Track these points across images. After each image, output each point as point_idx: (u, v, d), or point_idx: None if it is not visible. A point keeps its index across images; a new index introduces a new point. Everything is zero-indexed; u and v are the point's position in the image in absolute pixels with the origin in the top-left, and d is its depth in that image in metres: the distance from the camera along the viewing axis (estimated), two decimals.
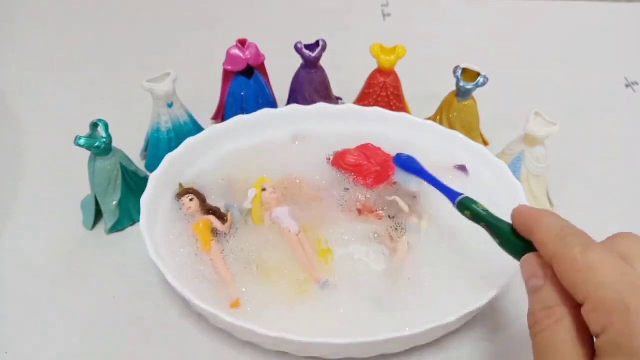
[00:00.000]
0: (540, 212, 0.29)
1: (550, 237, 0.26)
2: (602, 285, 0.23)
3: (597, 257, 0.24)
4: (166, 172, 0.43)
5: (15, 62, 0.66)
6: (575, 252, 0.25)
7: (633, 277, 0.23)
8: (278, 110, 0.49)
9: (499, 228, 0.31)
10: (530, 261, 0.28)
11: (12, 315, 0.39)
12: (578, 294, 0.24)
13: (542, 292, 0.26)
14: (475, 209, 0.34)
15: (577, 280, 0.24)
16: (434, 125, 0.48)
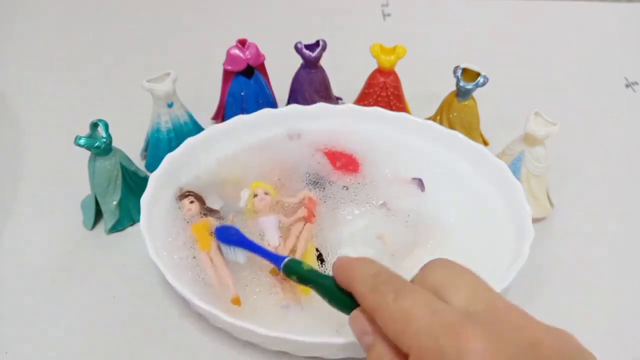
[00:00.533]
0: (356, 260, 0.28)
1: (366, 287, 0.26)
2: (419, 334, 0.23)
3: (408, 302, 0.24)
4: (166, 172, 0.43)
5: (15, 62, 0.66)
6: (388, 302, 0.25)
7: (445, 315, 0.23)
8: (278, 110, 0.49)
9: (324, 285, 0.30)
10: (358, 318, 0.27)
11: (12, 315, 0.39)
12: (402, 345, 0.24)
13: (375, 349, 0.26)
14: (300, 270, 0.32)
15: (396, 331, 0.24)
16: (434, 125, 0.48)
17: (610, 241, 0.46)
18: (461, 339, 0.22)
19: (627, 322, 0.40)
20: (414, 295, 0.25)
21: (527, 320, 0.24)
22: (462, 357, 0.22)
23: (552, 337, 0.23)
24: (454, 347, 0.22)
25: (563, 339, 0.24)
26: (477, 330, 0.22)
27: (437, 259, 0.27)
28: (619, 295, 0.42)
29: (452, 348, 0.22)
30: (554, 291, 0.41)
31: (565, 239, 0.46)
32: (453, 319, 0.23)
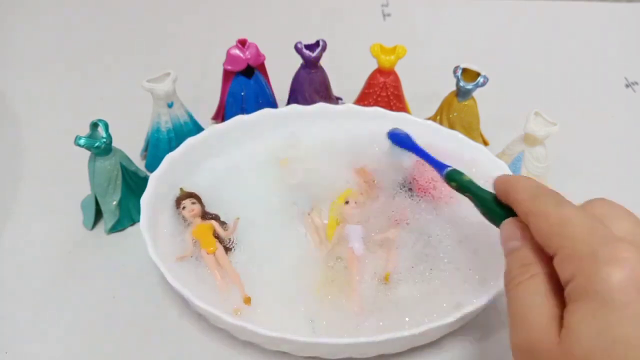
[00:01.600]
0: (518, 176, 0.30)
1: (526, 196, 0.28)
2: (573, 237, 0.24)
3: (569, 212, 0.25)
4: (166, 172, 0.43)
5: (15, 62, 0.66)
6: (548, 208, 0.26)
7: (603, 231, 0.24)
8: (278, 110, 0.49)
9: (482, 197, 0.33)
10: (509, 225, 0.29)
11: (12, 315, 0.39)
12: (551, 246, 0.25)
13: (519, 252, 0.27)
14: (461, 180, 0.35)
15: (550, 233, 0.25)
16: (434, 125, 0.48)
17: None
18: (616, 249, 0.23)
19: None
20: (574, 209, 0.26)
21: None
22: (614, 261, 0.22)
23: None
24: (608, 253, 0.22)
25: None
26: (632, 247, 0.23)
27: (598, 197, 0.28)
28: None
29: (606, 253, 0.22)
30: None
31: None
32: (610, 234, 0.24)
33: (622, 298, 0.21)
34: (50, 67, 0.65)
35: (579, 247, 0.24)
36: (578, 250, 0.23)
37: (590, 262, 0.23)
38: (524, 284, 0.26)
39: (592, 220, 0.25)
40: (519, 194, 0.28)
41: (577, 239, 0.24)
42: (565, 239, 0.24)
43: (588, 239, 0.24)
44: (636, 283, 0.22)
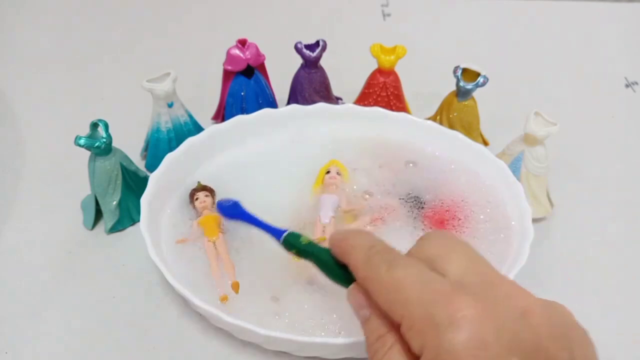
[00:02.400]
0: (352, 233, 0.28)
1: (359, 260, 0.26)
2: (410, 302, 0.23)
3: (401, 273, 0.24)
4: (166, 172, 0.43)
5: (15, 62, 0.66)
6: (381, 272, 0.25)
7: (437, 285, 0.23)
8: (278, 110, 0.49)
9: (323, 260, 0.30)
10: (354, 291, 0.27)
11: (12, 315, 0.39)
12: (393, 315, 0.24)
13: (371, 322, 0.26)
14: (299, 244, 0.32)
15: (388, 301, 0.24)
16: (434, 125, 0.48)
17: (610, 241, 0.46)
18: (452, 306, 0.22)
19: (627, 322, 0.40)
20: (406, 266, 0.25)
21: (520, 291, 0.24)
22: (453, 324, 0.21)
23: (544, 307, 0.23)
24: (445, 315, 0.22)
25: (556, 310, 0.24)
26: (469, 299, 0.22)
27: (435, 230, 0.27)
28: (619, 295, 0.42)
29: (443, 316, 0.22)
30: (554, 291, 0.41)
31: (565, 239, 0.46)
32: (444, 288, 0.23)
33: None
34: (50, 67, 0.65)
35: (417, 313, 0.23)
36: (417, 317, 0.23)
37: (432, 330, 0.22)
38: (385, 358, 0.24)
39: (425, 274, 0.24)
40: (352, 258, 0.27)
41: (414, 304, 0.23)
42: (402, 307, 0.23)
43: (423, 300, 0.23)
44: (481, 344, 0.21)
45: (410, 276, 0.24)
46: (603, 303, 0.41)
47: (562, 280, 0.42)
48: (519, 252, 0.37)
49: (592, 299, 0.41)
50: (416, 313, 0.23)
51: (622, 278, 0.43)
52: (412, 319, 0.23)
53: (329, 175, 0.44)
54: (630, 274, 0.43)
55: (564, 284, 0.42)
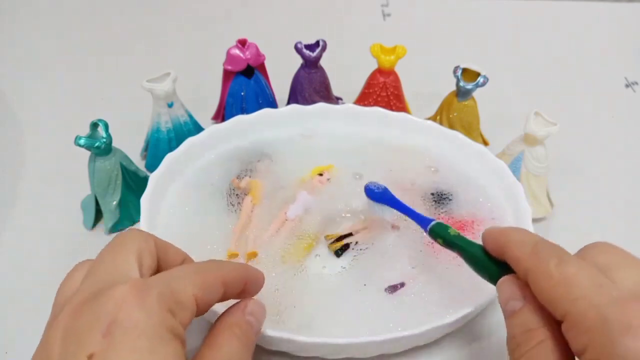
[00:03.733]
0: (510, 229, 0.28)
1: (524, 252, 0.26)
2: (580, 300, 0.22)
3: (573, 270, 0.23)
4: (166, 172, 0.43)
5: (15, 62, 0.66)
6: (550, 266, 0.24)
7: (611, 290, 0.22)
8: (278, 110, 0.49)
9: (473, 254, 0.30)
10: (508, 283, 0.27)
11: (12, 315, 0.39)
12: (556, 310, 0.23)
13: (522, 314, 0.25)
14: (447, 235, 0.33)
15: (554, 295, 0.23)
16: (434, 125, 0.48)
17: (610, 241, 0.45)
18: (630, 312, 0.21)
19: None
20: (578, 266, 0.24)
21: None
22: (631, 330, 0.20)
23: None
24: (621, 319, 0.21)
25: None
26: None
27: (600, 242, 0.26)
28: None
29: (618, 319, 0.21)
30: None
31: (565, 239, 0.45)
32: (620, 294, 0.22)
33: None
34: (50, 67, 0.65)
35: (587, 312, 0.22)
36: (587, 317, 0.22)
37: (603, 332, 0.21)
38: (531, 353, 0.24)
39: (598, 277, 0.23)
40: (515, 249, 0.26)
41: (585, 303, 0.22)
42: (571, 303, 0.23)
43: (597, 301, 0.22)
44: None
45: (583, 274, 0.23)
46: None
47: None
48: None
49: None
50: (586, 312, 0.22)
51: None
52: (579, 317, 0.22)
53: (318, 179, 0.44)
54: None
55: None
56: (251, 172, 0.45)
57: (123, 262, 0.26)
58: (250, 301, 0.29)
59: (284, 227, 0.41)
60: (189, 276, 0.26)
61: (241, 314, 0.29)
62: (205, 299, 0.26)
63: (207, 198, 0.43)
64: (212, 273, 0.27)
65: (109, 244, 0.28)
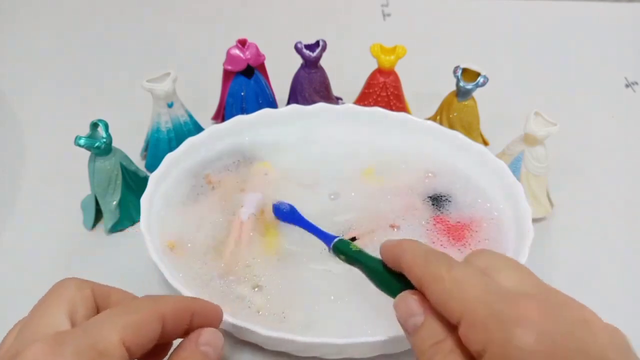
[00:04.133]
0: (404, 240, 0.29)
1: (416, 261, 0.26)
2: (472, 300, 0.23)
3: (461, 273, 0.24)
4: (166, 172, 0.43)
5: (15, 62, 0.66)
6: (441, 271, 0.25)
7: (498, 289, 0.24)
8: (278, 110, 0.49)
9: (373, 268, 0.30)
10: (406, 299, 0.27)
11: (12, 315, 0.39)
12: (452, 314, 0.24)
13: (426, 328, 0.25)
14: (349, 251, 0.33)
15: (448, 298, 0.24)
16: (434, 125, 0.48)
17: (610, 241, 0.46)
18: (518, 306, 0.22)
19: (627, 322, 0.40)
20: (466, 269, 0.25)
21: (577, 302, 0.24)
22: (521, 322, 0.21)
23: (604, 322, 0.23)
24: (512, 313, 0.22)
25: (615, 328, 0.23)
26: (532, 302, 0.22)
27: (481, 249, 0.28)
28: (619, 295, 0.42)
29: (510, 314, 0.22)
30: None
31: (565, 239, 0.46)
32: (506, 291, 0.23)
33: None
34: (50, 67, 0.65)
35: (481, 311, 0.23)
36: (481, 315, 0.23)
37: (498, 327, 0.22)
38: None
39: (484, 279, 0.24)
40: (408, 258, 0.27)
41: (477, 302, 0.23)
42: (464, 303, 0.23)
43: (487, 299, 0.23)
44: (549, 342, 0.21)
45: (471, 277, 0.24)
46: (603, 303, 0.41)
47: (562, 280, 0.42)
48: (519, 252, 0.37)
49: (593, 299, 0.41)
50: (479, 310, 0.23)
51: (622, 278, 0.43)
52: (474, 316, 0.23)
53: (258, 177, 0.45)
54: (631, 274, 0.43)
55: (564, 284, 0.42)
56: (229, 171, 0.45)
57: (50, 316, 0.25)
58: (203, 330, 0.28)
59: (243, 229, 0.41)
60: (114, 320, 0.25)
61: (194, 346, 0.28)
62: (138, 340, 0.25)
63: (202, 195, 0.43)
64: (144, 311, 0.26)
65: (43, 296, 0.27)
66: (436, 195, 0.44)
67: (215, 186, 0.44)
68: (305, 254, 0.40)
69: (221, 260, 0.39)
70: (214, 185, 0.44)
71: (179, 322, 0.27)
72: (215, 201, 0.43)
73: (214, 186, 0.44)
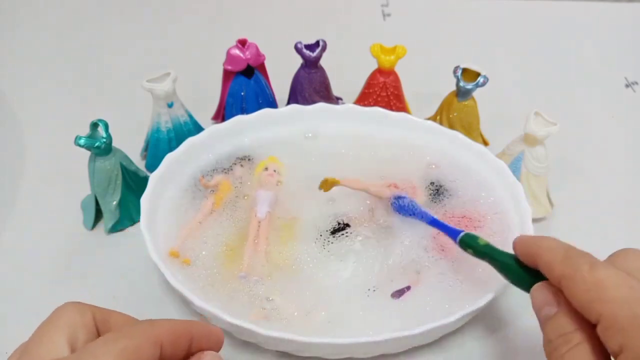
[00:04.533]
0: (541, 237, 0.29)
1: (556, 259, 0.27)
2: (614, 302, 0.23)
3: (604, 273, 0.24)
4: (166, 172, 0.43)
5: (15, 62, 0.66)
6: (583, 271, 0.25)
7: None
8: (278, 110, 0.49)
9: (504, 263, 0.31)
10: (542, 290, 0.28)
11: (12, 315, 0.39)
12: (591, 313, 0.24)
13: (557, 319, 0.26)
14: (477, 245, 0.34)
15: (588, 299, 0.24)
16: (434, 125, 0.48)
17: (610, 241, 0.46)
18: None
19: None
20: (609, 269, 0.25)
21: None
22: None
23: None
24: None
25: None
26: None
27: (628, 248, 0.27)
28: None
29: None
30: None
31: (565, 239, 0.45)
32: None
33: None
34: (50, 67, 0.65)
35: (622, 313, 0.23)
36: (621, 317, 0.23)
37: (637, 329, 0.22)
38: (569, 355, 0.25)
39: (629, 280, 0.24)
40: (547, 256, 0.27)
41: (618, 304, 0.23)
42: (605, 305, 0.24)
43: (630, 301, 0.23)
44: None
45: (614, 277, 0.24)
46: None
47: None
48: None
49: None
50: (619, 312, 0.23)
51: None
52: (613, 317, 0.23)
53: (267, 172, 0.45)
54: None
55: None
56: (226, 172, 0.45)
57: (50, 342, 0.25)
58: (203, 354, 0.28)
59: (261, 227, 0.41)
60: (109, 346, 0.24)
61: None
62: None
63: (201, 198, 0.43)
64: (140, 336, 0.25)
65: (43, 321, 0.27)
66: (436, 188, 0.44)
67: (214, 187, 0.44)
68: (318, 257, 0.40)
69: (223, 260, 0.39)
70: (213, 186, 0.44)
71: (178, 346, 0.27)
72: (216, 201, 0.43)
73: (213, 187, 0.44)
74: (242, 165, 0.46)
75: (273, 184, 0.44)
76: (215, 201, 0.43)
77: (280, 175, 0.45)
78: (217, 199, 0.43)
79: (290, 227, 0.41)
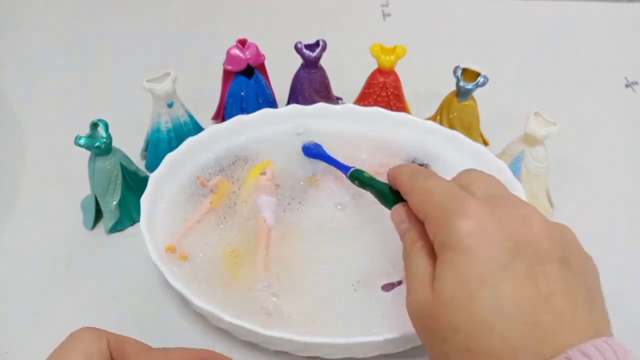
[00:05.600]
0: (404, 165, 0.34)
1: (405, 177, 0.32)
2: (434, 202, 0.28)
3: (432, 182, 0.29)
4: (166, 172, 0.43)
5: (15, 62, 0.66)
6: (419, 182, 0.30)
7: (457, 193, 0.28)
8: (278, 110, 0.49)
9: (379, 189, 0.36)
10: (398, 209, 0.32)
11: (12, 315, 0.39)
12: (421, 214, 0.29)
13: (408, 234, 0.30)
14: (362, 177, 0.38)
15: (419, 203, 0.29)
16: (434, 125, 0.48)
17: (611, 241, 0.46)
18: (464, 203, 0.26)
19: (627, 322, 0.40)
20: (439, 180, 0.30)
21: (529, 205, 0.27)
22: (460, 213, 0.26)
23: (546, 219, 0.26)
24: (457, 208, 0.26)
25: (558, 225, 0.27)
26: (479, 201, 0.27)
27: (469, 168, 0.31)
28: (619, 295, 0.42)
29: (455, 209, 0.26)
30: None
31: None
32: (463, 195, 0.27)
33: (471, 244, 0.25)
34: (50, 67, 0.65)
35: (437, 209, 0.27)
36: (436, 212, 0.27)
37: (444, 219, 0.26)
38: (412, 254, 0.29)
39: (451, 186, 0.29)
40: (400, 177, 0.32)
41: (436, 203, 0.28)
42: (428, 205, 0.28)
43: (444, 201, 0.27)
44: (481, 231, 0.25)
45: (440, 185, 0.29)
46: None
47: None
48: None
49: None
50: (436, 209, 0.27)
51: (622, 278, 0.43)
52: (432, 214, 0.28)
53: (265, 177, 0.44)
54: (631, 274, 0.43)
55: None
56: (224, 172, 0.45)
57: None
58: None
59: (271, 236, 0.41)
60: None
61: None
62: None
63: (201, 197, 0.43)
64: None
65: (59, 346, 0.28)
66: None
67: (214, 187, 0.44)
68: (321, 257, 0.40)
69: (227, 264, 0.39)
70: (212, 187, 0.44)
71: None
72: (214, 201, 0.43)
73: (212, 187, 0.44)
74: (242, 165, 0.45)
75: (271, 188, 0.44)
76: (213, 201, 0.43)
77: (276, 179, 0.45)
78: (215, 198, 0.43)
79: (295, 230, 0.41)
